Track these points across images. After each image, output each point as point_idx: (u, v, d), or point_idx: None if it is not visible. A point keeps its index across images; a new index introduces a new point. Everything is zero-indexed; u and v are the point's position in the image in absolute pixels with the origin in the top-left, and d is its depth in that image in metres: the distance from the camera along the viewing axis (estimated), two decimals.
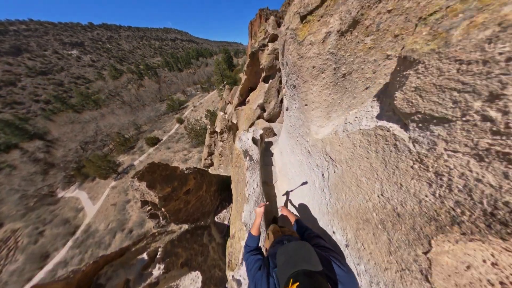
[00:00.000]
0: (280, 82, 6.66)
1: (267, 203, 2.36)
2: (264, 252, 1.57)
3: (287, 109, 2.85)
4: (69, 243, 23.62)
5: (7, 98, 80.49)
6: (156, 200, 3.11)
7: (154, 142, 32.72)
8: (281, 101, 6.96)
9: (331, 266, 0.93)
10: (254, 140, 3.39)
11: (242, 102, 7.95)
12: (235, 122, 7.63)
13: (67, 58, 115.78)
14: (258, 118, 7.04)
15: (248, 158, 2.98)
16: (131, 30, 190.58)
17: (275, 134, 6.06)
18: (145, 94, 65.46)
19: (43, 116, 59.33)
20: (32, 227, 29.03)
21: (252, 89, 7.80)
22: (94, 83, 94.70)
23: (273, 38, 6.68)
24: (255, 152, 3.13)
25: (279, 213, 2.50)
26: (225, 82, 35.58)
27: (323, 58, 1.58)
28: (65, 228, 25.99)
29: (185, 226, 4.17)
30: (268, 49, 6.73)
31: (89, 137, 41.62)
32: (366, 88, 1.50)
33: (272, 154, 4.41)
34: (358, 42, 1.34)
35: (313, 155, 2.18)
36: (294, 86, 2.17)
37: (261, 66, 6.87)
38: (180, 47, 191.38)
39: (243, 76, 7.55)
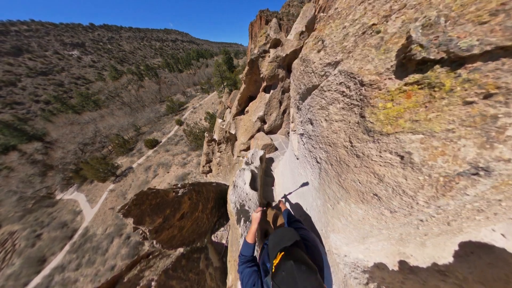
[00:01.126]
0: (283, 93, 6.32)
1: (264, 208, 2.38)
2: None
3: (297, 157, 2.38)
4: (67, 247, 23.34)
5: (7, 98, 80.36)
6: (147, 233, 2.80)
7: (153, 144, 32.44)
8: (283, 112, 6.61)
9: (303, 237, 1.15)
10: (253, 174, 3.10)
11: (241, 111, 7.40)
12: (233, 133, 7.13)
13: (67, 58, 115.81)
14: (258, 131, 6.62)
15: (243, 221, 2.32)
16: (132, 31, 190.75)
17: (276, 149, 5.65)
18: (145, 95, 65.25)
19: (42, 117, 59.12)
20: (29, 229, 28.84)
21: (251, 98, 7.29)
22: (93, 83, 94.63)
23: (275, 44, 6.14)
24: (253, 200, 2.62)
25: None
26: (224, 83, 35.30)
27: None
28: (63, 232, 25.72)
29: (181, 250, 3.86)
30: (269, 56, 6.15)
31: (88, 138, 41.36)
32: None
33: (272, 172, 4.12)
34: None
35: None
36: (317, 160, 1.65)
37: (261, 75, 6.33)
38: (181, 48, 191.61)
39: (241, 85, 7.03)
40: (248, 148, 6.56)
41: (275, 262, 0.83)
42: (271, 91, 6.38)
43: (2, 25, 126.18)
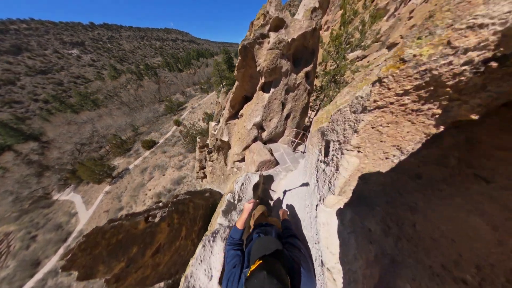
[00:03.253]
0: (287, 92, 5.06)
1: (257, 201, 2.44)
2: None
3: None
4: (61, 250, 22.96)
5: (6, 97, 79.84)
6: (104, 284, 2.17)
7: (150, 145, 31.85)
8: (286, 117, 5.41)
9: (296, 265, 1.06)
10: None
11: (235, 115, 6.14)
12: (226, 140, 5.92)
13: (67, 57, 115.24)
14: (255, 140, 5.33)
15: None
16: (132, 30, 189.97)
17: (277, 163, 4.51)
18: (144, 94, 64.66)
19: (39, 117, 58.58)
20: (24, 231, 28.67)
21: (247, 98, 5.92)
22: (92, 83, 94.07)
23: (277, 26, 4.50)
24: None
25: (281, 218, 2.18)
26: (224, 83, 34.70)
27: None
28: (58, 234, 25.40)
29: (161, 284, 3.23)
30: (269, 42, 4.48)
31: (85, 138, 40.78)
32: None
33: (272, 194, 3.49)
34: None
35: None
36: None
37: (258, 68, 4.81)
38: (181, 48, 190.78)
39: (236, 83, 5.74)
40: (243, 159, 5.54)
41: (252, 267, 0.84)
42: (272, 90, 4.97)
43: (1, 24, 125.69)
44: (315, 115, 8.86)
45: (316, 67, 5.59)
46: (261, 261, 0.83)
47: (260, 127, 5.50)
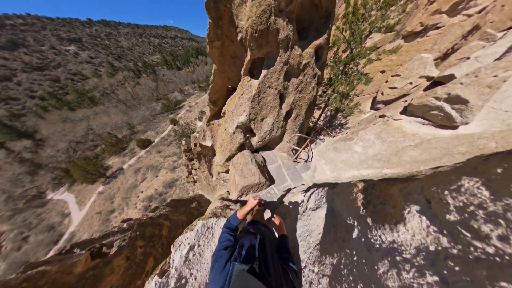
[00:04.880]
0: (287, 77, 3.53)
1: (263, 200, 2.45)
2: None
3: None
4: (51, 253, 22.39)
5: (2, 94, 78.55)
6: None
7: (145, 144, 31.20)
8: (287, 115, 4.03)
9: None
10: None
11: (218, 113, 4.68)
12: (209, 145, 4.68)
13: (64, 54, 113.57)
14: (241, 147, 4.00)
15: None
16: (131, 27, 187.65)
17: (272, 182, 3.45)
18: (141, 92, 63.73)
19: (34, 114, 57.56)
20: (17, 231, 28.23)
21: (233, 90, 4.32)
22: (89, 79, 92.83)
23: None
24: None
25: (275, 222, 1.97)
26: None
27: None
28: (49, 235, 24.92)
29: None
30: None
31: (80, 136, 39.98)
32: None
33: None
34: None
35: None
36: None
37: (239, 36, 2.99)
38: (180, 45, 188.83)
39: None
40: (228, 171, 4.17)
41: None
42: (263, 73, 3.29)
43: None
44: (320, 115, 7.65)
45: (330, 41, 3.97)
46: None
47: (248, 129, 3.99)
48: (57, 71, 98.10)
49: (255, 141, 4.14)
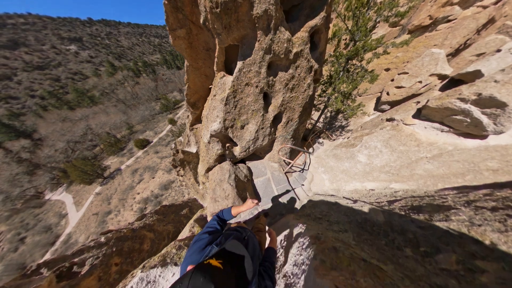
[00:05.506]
0: (271, 70, 2.73)
1: (259, 203, 2.49)
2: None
3: None
4: (47, 255, 22.19)
5: (2, 93, 78.61)
6: None
7: (143, 144, 30.78)
8: (275, 120, 3.28)
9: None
10: None
11: (200, 116, 3.84)
12: (193, 151, 4.12)
13: (65, 53, 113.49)
14: (221, 159, 3.37)
15: None
16: (131, 26, 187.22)
17: (258, 200, 2.60)
18: (141, 92, 63.34)
19: (33, 113, 57.42)
20: (14, 232, 28.13)
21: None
22: (89, 79, 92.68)
23: None
24: None
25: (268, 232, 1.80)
26: None
27: None
28: (46, 237, 24.69)
29: None
30: None
31: (79, 136, 39.66)
32: None
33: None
34: None
35: None
36: None
37: (201, 17, 2.16)
38: None
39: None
40: None
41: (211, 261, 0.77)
42: (238, 65, 2.49)
43: None
44: (319, 117, 6.43)
45: (329, 25, 3.04)
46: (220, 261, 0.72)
47: (226, 138, 3.21)
48: (57, 70, 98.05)
49: (237, 151, 3.38)
